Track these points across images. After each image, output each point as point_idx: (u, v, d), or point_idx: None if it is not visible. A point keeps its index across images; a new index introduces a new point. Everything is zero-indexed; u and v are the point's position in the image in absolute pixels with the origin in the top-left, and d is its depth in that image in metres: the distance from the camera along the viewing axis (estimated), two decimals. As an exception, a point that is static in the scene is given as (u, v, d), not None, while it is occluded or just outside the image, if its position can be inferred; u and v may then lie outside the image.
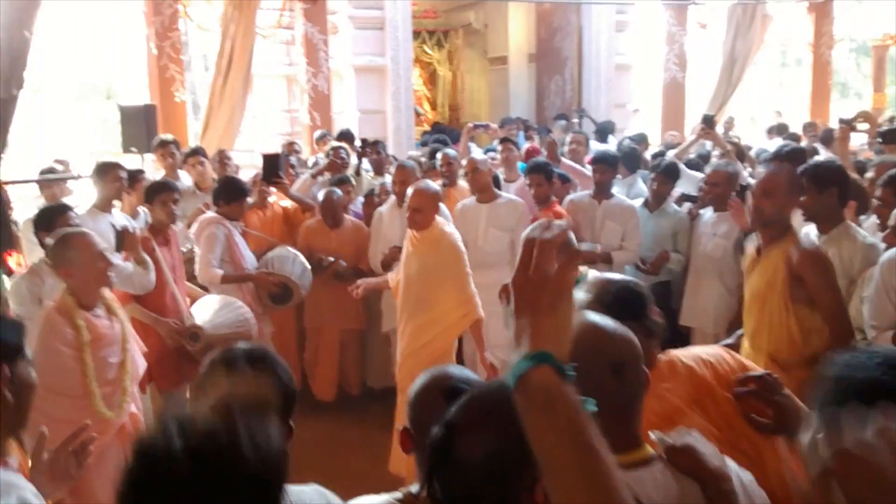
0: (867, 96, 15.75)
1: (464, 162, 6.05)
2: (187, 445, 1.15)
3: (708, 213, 5.51)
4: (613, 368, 1.65)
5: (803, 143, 8.70)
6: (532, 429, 1.03)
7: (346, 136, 8.36)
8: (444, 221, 4.78)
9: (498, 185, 5.84)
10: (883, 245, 3.73)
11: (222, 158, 6.97)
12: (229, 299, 4.99)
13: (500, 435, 1.30)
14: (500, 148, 6.85)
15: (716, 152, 6.54)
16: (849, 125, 6.33)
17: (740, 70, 11.64)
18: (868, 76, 16.32)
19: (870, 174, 5.02)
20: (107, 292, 3.54)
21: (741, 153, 6.95)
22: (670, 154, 6.92)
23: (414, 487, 1.71)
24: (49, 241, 3.53)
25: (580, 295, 2.00)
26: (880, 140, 6.54)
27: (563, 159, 6.63)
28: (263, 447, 1.20)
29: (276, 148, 7.76)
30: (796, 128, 10.95)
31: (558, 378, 1.03)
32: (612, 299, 1.99)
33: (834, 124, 13.15)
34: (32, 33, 4.80)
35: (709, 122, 6.45)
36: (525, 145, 8.20)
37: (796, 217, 3.76)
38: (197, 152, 6.74)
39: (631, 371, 1.68)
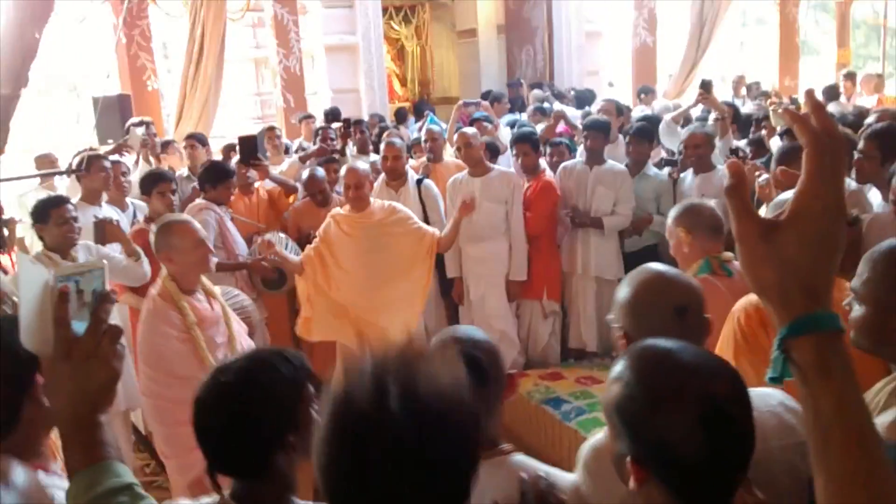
0: (827, 53, 15.92)
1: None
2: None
3: (689, 176, 5.59)
4: (677, 311, 1.74)
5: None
6: (817, 388, 0.92)
7: (334, 115, 8.32)
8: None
9: (496, 153, 5.87)
10: (867, 191, 3.82)
11: (189, 145, 6.91)
12: (226, 289, 4.98)
13: None
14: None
15: (713, 115, 6.61)
16: (706, 90, 6.52)
17: (709, 32, 11.72)
18: (827, 33, 16.49)
19: (870, 118, 5.09)
20: (203, 278, 3.56)
21: (737, 116, 7.04)
22: (667, 117, 7.00)
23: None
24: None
25: None
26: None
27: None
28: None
29: (249, 132, 7.72)
30: (766, 87, 11.11)
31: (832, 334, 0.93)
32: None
33: (805, 83, 13.40)
34: (42, 34, 4.75)
35: (706, 87, 6.52)
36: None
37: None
38: (192, 137, 6.72)
39: (693, 315, 1.77)
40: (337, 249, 4.70)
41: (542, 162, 5.90)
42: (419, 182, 5.63)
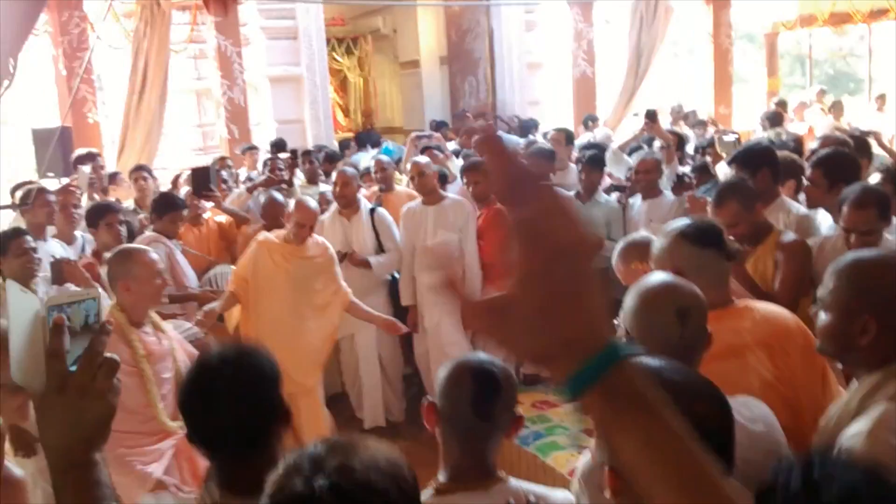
0: (756, 82, 16.51)
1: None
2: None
3: (638, 201, 5.72)
4: (679, 314, 1.81)
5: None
6: (616, 436, 0.82)
7: (279, 146, 8.28)
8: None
9: (445, 182, 5.92)
10: (818, 214, 3.96)
11: (137, 177, 6.80)
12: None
13: None
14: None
15: (657, 144, 6.80)
16: (652, 119, 6.72)
17: (646, 62, 12.05)
18: (755, 62, 17.12)
19: (814, 144, 5.26)
20: (152, 311, 3.50)
21: (682, 144, 7.24)
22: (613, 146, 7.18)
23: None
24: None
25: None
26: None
27: None
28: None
29: (191, 164, 7.65)
30: (702, 116, 11.47)
31: (634, 366, 0.82)
32: (694, 230, 2.42)
33: (738, 111, 13.87)
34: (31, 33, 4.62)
35: (651, 116, 6.69)
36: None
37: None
38: (141, 168, 6.61)
39: (694, 319, 1.83)
40: (263, 278, 4.64)
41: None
42: (372, 211, 5.64)
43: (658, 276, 2.09)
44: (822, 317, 1.95)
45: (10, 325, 1.16)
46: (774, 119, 9.24)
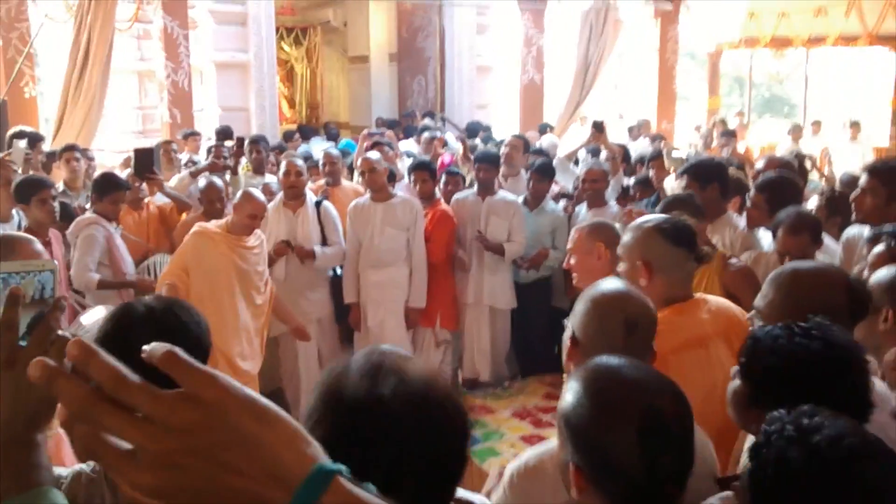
0: (696, 100, 16.93)
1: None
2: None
3: (583, 210, 5.79)
4: (627, 323, 1.84)
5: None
6: None
7: (225, 133, 8.11)
8: None
9: (392, 180, 5.89)
10: (758, 233, 4.06)
11: (69, 157, 6.39)
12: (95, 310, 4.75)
13: None
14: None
15: (603, 154, 6.89)
16: (599, 130, 6.88)
17: (593, 73, 12.20)
18: (697, 80, 17.55)
19: (760, 164, 5.38)
20: None
21: (626, 155, 7.35)
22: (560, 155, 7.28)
23: None
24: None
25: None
26: None
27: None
28: None
29: (131, 146, 7.42)
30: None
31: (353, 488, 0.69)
32: (671, 226, 2.53)
33: (681, 126, 14.18)
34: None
35: (598, 127, 6.77)
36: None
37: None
38: (73, 148, 6.35)
39: (641, 332, 1.86)
40: (208, 269, 4.51)
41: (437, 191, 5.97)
42: (318, 204, 5.57)
43: (613, 283, 2.12)
44: (758, 325, 2.01)
45: None
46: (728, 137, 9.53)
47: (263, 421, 0.68)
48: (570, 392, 1.44)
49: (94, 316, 4.66)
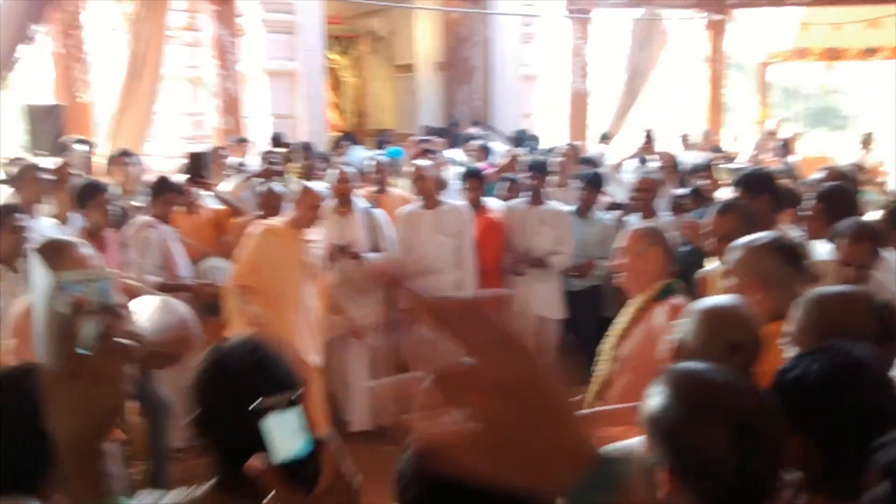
0: (742, 111, 16.70)
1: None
2: None
3: (634, 221, 5.73)
4: (731, 346, 1.88)
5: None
6: None
7: (278, 140, 8.23)
8: None
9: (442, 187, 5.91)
10: (812, 244, 3.97)
11: (120, 162, 6.57)
12: (167, 300, 4.80)
13: None
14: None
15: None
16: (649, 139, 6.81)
17: (641, 83, 12.12)
18: (744, 91, 17.35)
19: (819, 174, 5.29)
20: None
21: (677, 166, 7.28)
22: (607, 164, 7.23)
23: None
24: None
25: None
26: None
27: None
28: None
29: (180, 152, 7.55)
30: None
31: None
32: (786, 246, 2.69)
33: (726, 135, 14.01)
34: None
35: (649, 136, 6.75)
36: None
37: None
38: (126, 153, 6.48)
39: (743, 356, 1.90)
40: (278, 265, 4.62)
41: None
42: (367, 210, 5.60)
43: (728, 300, 2.23)
44: (790, 351, 2.01)
45: (37, 300, 1.10)
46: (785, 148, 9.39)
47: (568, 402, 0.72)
48: (658, 395, 1.46)
49: (142, 307, 4.74)
